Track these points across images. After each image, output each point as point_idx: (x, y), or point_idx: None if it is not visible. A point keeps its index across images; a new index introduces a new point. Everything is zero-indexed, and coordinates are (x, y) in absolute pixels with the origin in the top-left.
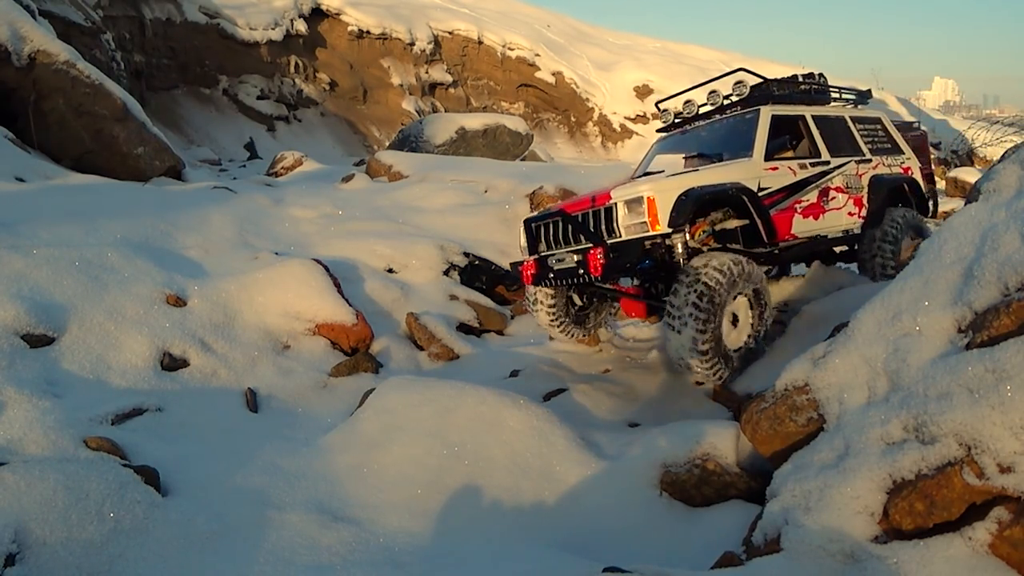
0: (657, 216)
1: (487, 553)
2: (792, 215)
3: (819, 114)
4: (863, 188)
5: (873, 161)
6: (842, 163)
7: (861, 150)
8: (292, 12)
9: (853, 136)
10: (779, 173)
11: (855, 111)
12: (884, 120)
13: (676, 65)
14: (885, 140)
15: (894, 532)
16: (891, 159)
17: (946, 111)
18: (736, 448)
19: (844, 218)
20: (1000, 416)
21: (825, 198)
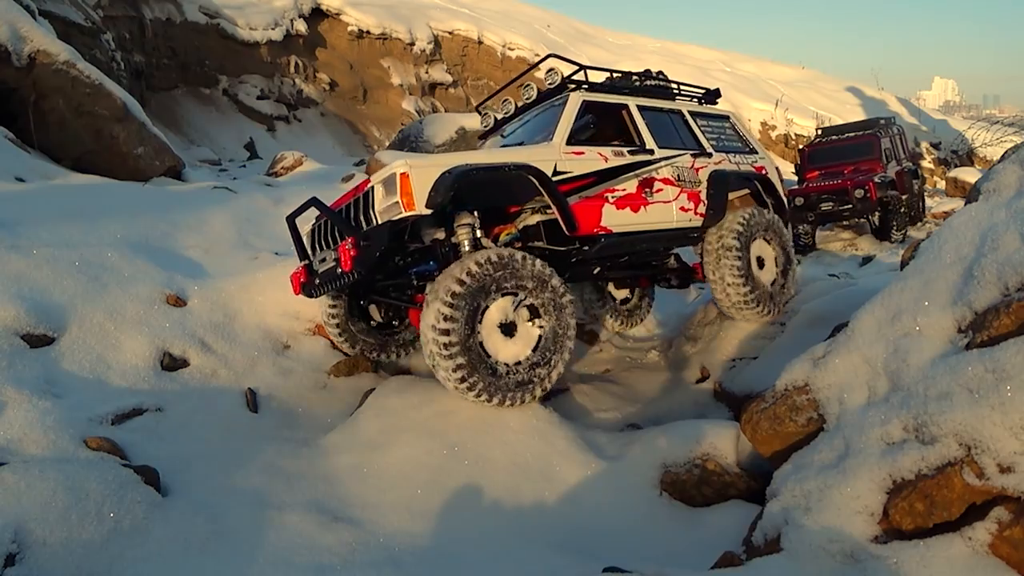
0: (412, 196)
1: (487, 553)
2: (602, 204)
3: (647, 105)
4: (700, 182)
5: (715, 156)
6: (672, 155)
7: (700, 145)
8: (292, 12)
9: (692, 131)
10: (585, 158)
11: (698, 107)
12: (734, 119)
13: (676, 65)
14: (734, 139)
15: (894, 532)
16: (741, 157)
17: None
18: (736, 448)
19: (675, 212)
20: (1000, 416)
21: (648, 189)
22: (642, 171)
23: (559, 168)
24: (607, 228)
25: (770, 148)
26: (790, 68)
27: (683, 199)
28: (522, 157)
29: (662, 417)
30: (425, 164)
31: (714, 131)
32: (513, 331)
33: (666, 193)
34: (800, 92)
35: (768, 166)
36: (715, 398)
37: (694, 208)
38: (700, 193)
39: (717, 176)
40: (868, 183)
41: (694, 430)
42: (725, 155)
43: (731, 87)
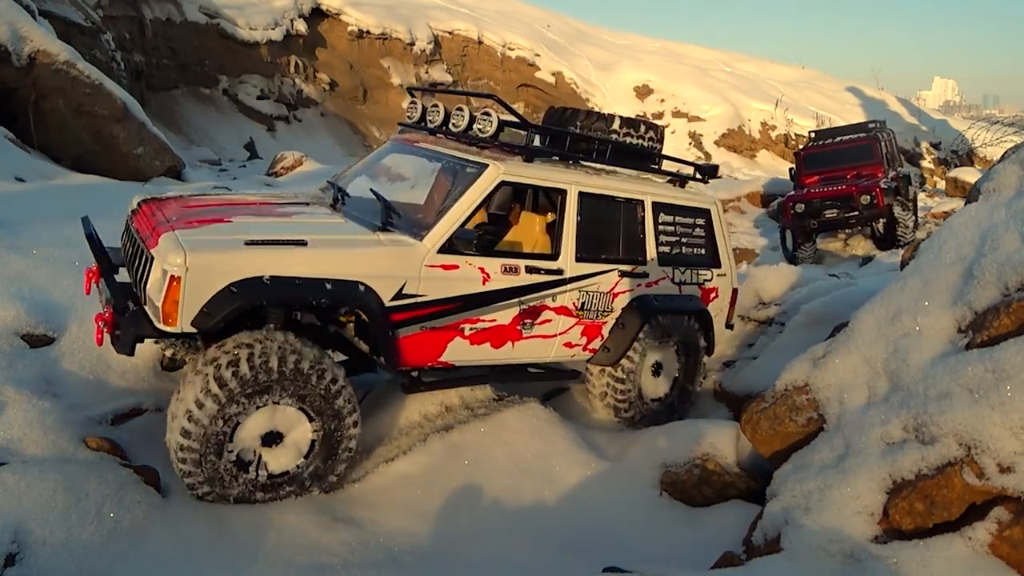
0: (177, 309)
1: (487, 553)
2: (452, 337)
3: (595, 191)
4: (611, 312)
5: (652, 275)
6: (591, 273)
7: (642, 254)
8: (292, 12)
9: (643, 232)
10: (455, 276)
11: (670, 194)
12: (715, 214)
13: (676, 65)
14: (699, 242)
15: (894, 532)
16: (691, 273)
17: (946, 111)
18: (736, 448)
19: (555, 349)
20: (1000, 416)
21: (529, 320)
22: (532, 296)
23: (406, 290)
24: (448, 363)
25: (770, 148)
26: (790, 68)
27: (574, 333)
28: (361, 260)
29: None
30: (215, 267)
31: (676, 232)
32: (280, 439)
33: (553, 326)
34: (800, 92)
35: (723, 287)
36: (715, 398)
37: (585, 344)
38: (604, 326)
39: (638, 307)
40: (875, 188)
41: (694, 430)
42: (671, 269)
43: (731, 87)
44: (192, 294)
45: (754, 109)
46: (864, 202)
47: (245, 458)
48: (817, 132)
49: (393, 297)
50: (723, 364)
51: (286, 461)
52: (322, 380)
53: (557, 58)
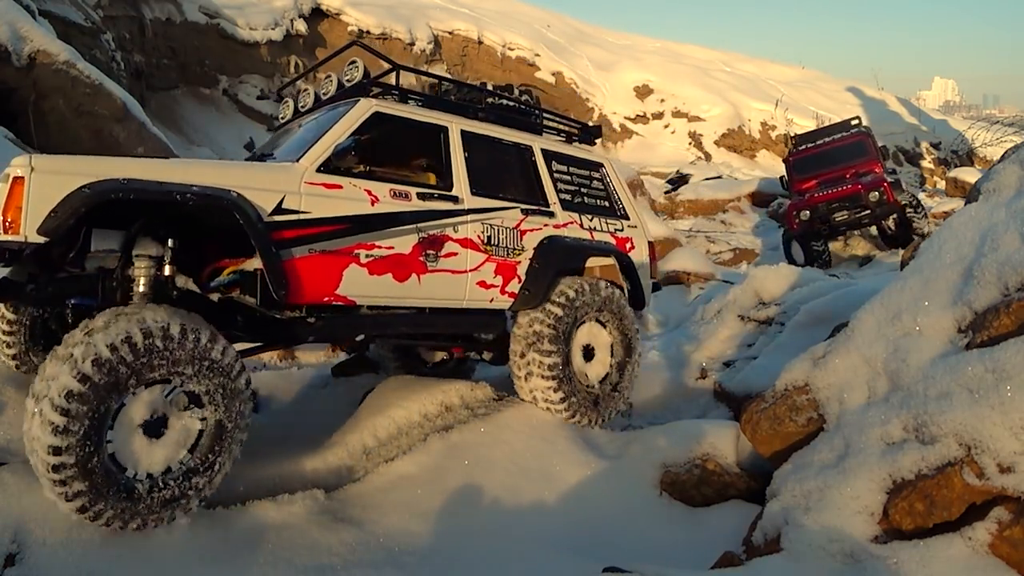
0: (21, 215)
1: (487, 553)
2: (347, 264)
3: (478, 131)
4: (522, 250)
5: (559, 216)
6: (490, 207)
7: (543, 198)
8: (292, 12)
9: (536, 177)
10: (340, 195)
11: (558, 145)
12: (608, 171)
13: (676, 65)
14: (601, 195)
15: (894, 532)
16: (601, 221)
17: (946, 111)
18: (736, 448)
19: (467, 288)
20: (1000, 416)
21: (432, 251)
22: (430, 224)
23: (287, 205)
24: (347, 298)
25: (770, 148)
26: (790, 68)
27: (486, 271)
28: (232, 174)
29: (662, 417)
30: (64, 169)
31: (574, 182)
32: (162, 430)
33: (461, 260)
34: (800, 92)
35: (638, 239)
36: (715, 398)
37: (502, 285)
38: (518, 265)
39: (551, 244)
40: (882, 183)
41: (694, 430)
42: (578, 215)
43: (731, 87)
44: (38, 196)
45: (754, 109)
46: (874, 199)
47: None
48: (799, 137)
49: (273, 211)
50: (723, 364)
51: (165, 456)
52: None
53: (557, 58)
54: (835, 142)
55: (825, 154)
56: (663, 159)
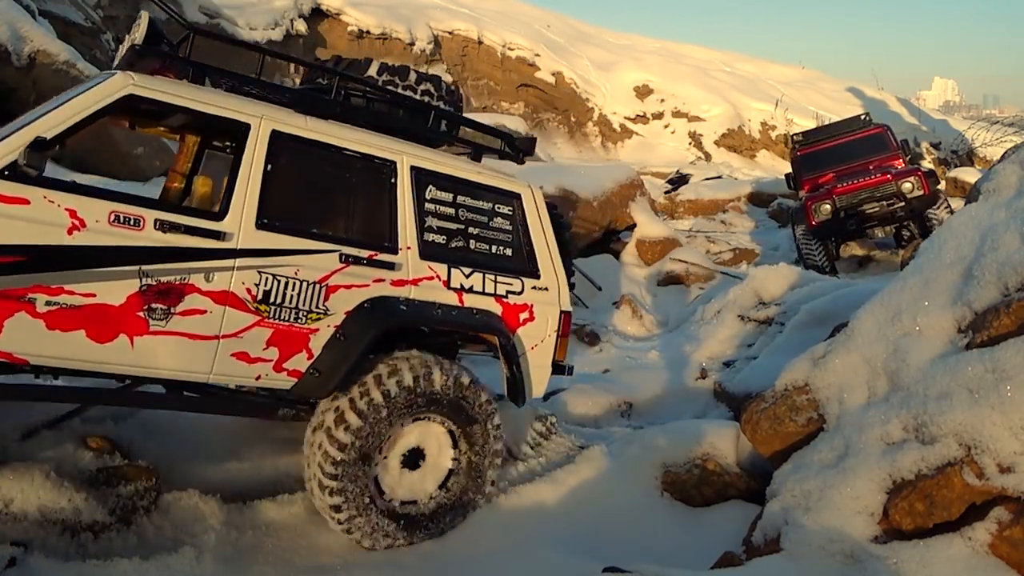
0: None
1: (487, 553)
2: (12, 311)
3: (302, 134)
4: (325, 314)
5: (408, 269)
6: (282, 249)
7: (390, 239)
8: (292, 12)
9: (392, 207)
10: (21, 214)
11: (450, 162)
12: (528, 202)
13: (676, 65)
14: (503, 241)
15: (894, 532)
16: (486, 279)
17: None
18: (736, 448)
19: (218, 359)
20: (1000, 416)
21: (160, 305)
22: (165, 268)
23: None
24: (10, 355)
25: (770, 148)
26: (790, 68)
27: (253, 339)
28: None
29: (662, 417)
30: None
31: (459, 219)
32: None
33: (209, 320)
34: (800, 92)
35: (542, 306)
36: (715, 398)
37: (278, 359)
38: (313, 335)
39: (372, 310)
40: (916, 172)
41: (694, 430)
42: (446, 268)
43: (731, 87)
44: None
45: (754, 109)
46: (907, 189)
47: None
48: (806, 132)
49: None
50: (723, 364)
51: None
52: None
53: (557, 58)
54: (850, 135)
55: (840, 148)
56: (663, 159)
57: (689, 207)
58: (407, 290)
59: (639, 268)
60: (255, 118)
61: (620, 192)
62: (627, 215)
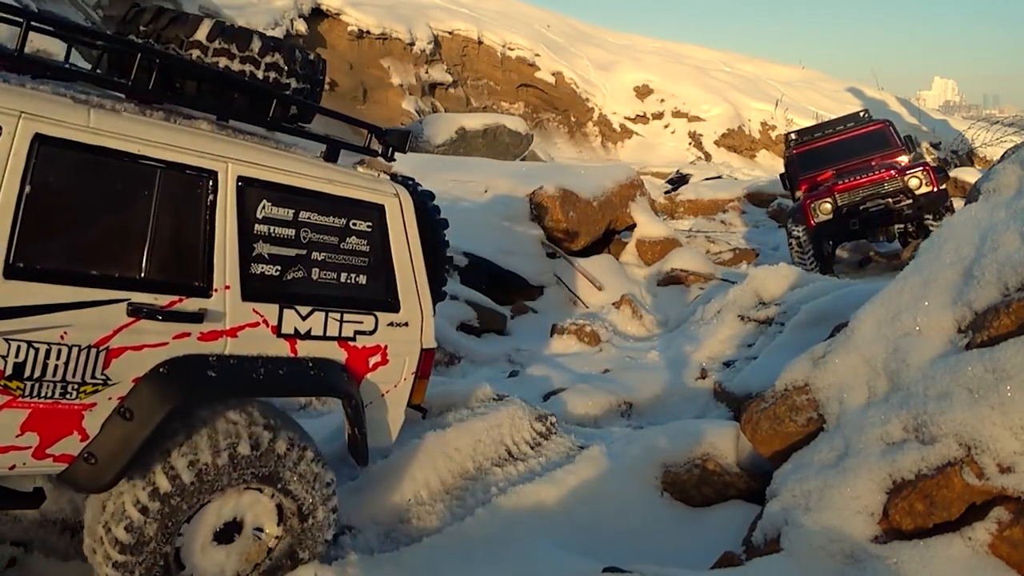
0: None
1: (487, 552)
2: None
3: (77, 137)
4: (105, 384)
5: (225, 317)
6: (39, 305)
7: (203, 277)
8: (292, 12)
9: (210, 234)
10: None
11: (295, 168)
12: (394, 214)
13: (676, 65)
14: (357, 267)
15: (894, 532)
16: (330, 319)
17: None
18: (736, 448)
19: None
20: (1000, 416)
21: None
22: None
23: None
24: None
25: (770, 148)
26: (790, 68)
27: (2, 422)
28: None
29: (662, 417)
30: None
31: (301, 242)
32: None
33: None
34: (800, 92)
35: (399, 345)
36: (715, 398)
37: (39, 444)
38: (88, 411)
39: (169, 378)
40: (924, 167)
41: (694, 430)
42: (276, 309)
43: (731, 87)
44: None
45: (754, 109)
46: (914, 185)
47: None
48: (800, 130)
49: None
50: (723, 364)
51: None
52: None
53: (557, 58)
54: (851, 131)
55: (840, 145)
56: (663, 159)
57: (689, 207)
58: (221, 344)
59: (639, 268)
60: (7, 116)
61: (620, 192)
62: (627, 215)
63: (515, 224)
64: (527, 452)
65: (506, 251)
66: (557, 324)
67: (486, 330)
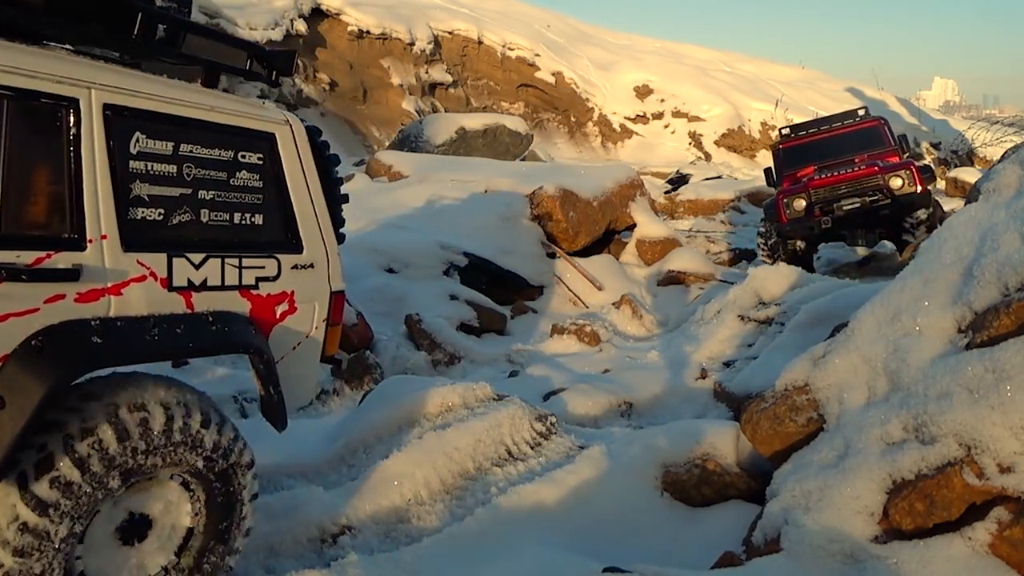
0: None
1: (487, 552)
2: None
3: None
4: None
5: (105, 273)
6: None
7: (75, 225)
8: (292, 12)
9: (75, 175)
10: None
11: (164, 92)
12: (287, 144)
13: (676, 65)
14: (251, 205)
15: (894, 532)
16: (226, 266)
17: (946, 111)
18: (736, 448)
19: None
20: (1000, 416)
21: None
22: None
23: None
24: None
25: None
26: (790, 68)
27: None
28: None
29: (662, 417)
30: None
31: (185, 180)
32: None
33: None
34: (800, 92)
35: (307, 288)
36: (715, 398)
37: None
38: None
39: (43, 352)
40: (909, 166)
41: (694, 430)
42: (164, 258)
43: (731, 87)
44: None
45: (754, 109)
46: (895, 186)
47: None
48: (793, 126)
49: None
50: (723, 364)
51: None
52: None
53: (557, 58)
54: (841, 128)
55: (828, 142)
56: (663, 159)
57: (689, 207)
58: (104, 305)
59: (639, 268)
60: None
61: (620, 192)
62: (627, 215)
63: (515, 224)
64: (527, 452)
65: (506, 251)
66: (557, 324)
67: (486, 330)
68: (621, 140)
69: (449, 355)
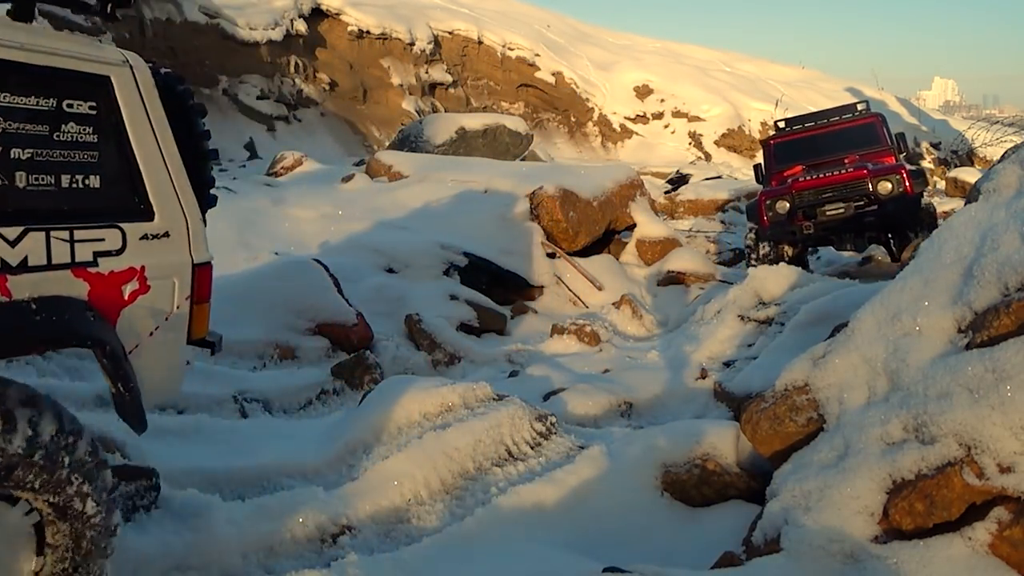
0: None
1: (487, 552)
2: None
3: None
4: None
5: None
6: None
7: None
8: (292, 12)
9: None
10: None
11: None
12: (126, 87)
13: (676, 65)
14: (83, 165)
15: (894, 532)
16: (52, 239)
17: (946, 111)
18: (736, 448)
19: None
20: (1000, 416)
21: None
22: None
23: None
24: None
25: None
26: (790, 68)
27: None
28: None
29: (662, 417)
30: None
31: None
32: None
33: None
34: (800, 92)
35: (165, 264)
36: (715, 398)
37: None
38: None
39: None
40: (899, 170)
41: (694, 430)
42: None
43: (731, 87)
44: None
45: (754, 109)
46: (884, 190)
47: None
48: (788, 120)
49: None
50: (723, 364)
51: None
52: None
53: (557, 58)
54: (834, 125)
55: (820, 139)
56: (663, 159)
57: (689, 207)
58: None
59: (639, 268)
60: None
61: (620, 192)
62: (627, 215)
63: (515, 224)
64: (527, 452)
65: (506, 251)
66: (557, 324)
67: (486, 330)
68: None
69: (449, 355)
